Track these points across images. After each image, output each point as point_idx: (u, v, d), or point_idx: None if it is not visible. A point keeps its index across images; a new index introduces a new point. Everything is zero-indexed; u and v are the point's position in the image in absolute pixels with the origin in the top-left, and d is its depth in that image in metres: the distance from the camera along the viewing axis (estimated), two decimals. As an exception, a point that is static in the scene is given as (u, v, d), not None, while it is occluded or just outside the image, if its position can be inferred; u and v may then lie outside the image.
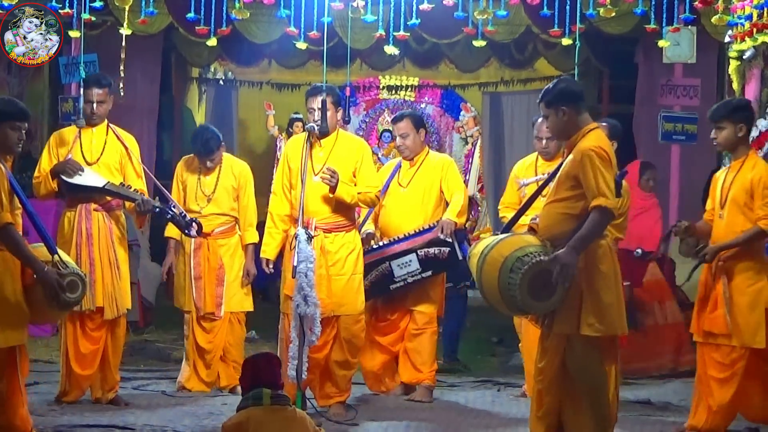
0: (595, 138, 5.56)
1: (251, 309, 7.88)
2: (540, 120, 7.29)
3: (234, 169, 7.82)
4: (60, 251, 5.95)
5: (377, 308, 7.66)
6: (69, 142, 7.23)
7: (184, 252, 7.72)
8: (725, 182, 6.59)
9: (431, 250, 7.45)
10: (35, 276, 5.75)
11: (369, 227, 7.71)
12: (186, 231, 7.29)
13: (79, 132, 7.27)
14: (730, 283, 6.49)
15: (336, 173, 6.81)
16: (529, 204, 6.08)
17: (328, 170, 6.82)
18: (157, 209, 7.11)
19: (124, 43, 8.34)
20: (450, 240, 7.43)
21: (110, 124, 7.34)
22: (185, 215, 7.27)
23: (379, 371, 7.73)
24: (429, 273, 7.49)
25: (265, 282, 9.63)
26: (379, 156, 14.01)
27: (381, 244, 7.57)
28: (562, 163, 5.74)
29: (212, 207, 7.67)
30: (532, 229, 5.76)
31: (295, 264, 6.65)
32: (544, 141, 7.39)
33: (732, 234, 6.49)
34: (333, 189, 6.84)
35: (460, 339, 9.23)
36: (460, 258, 7.44)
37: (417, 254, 7.45)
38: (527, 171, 7.53)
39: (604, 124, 7.04)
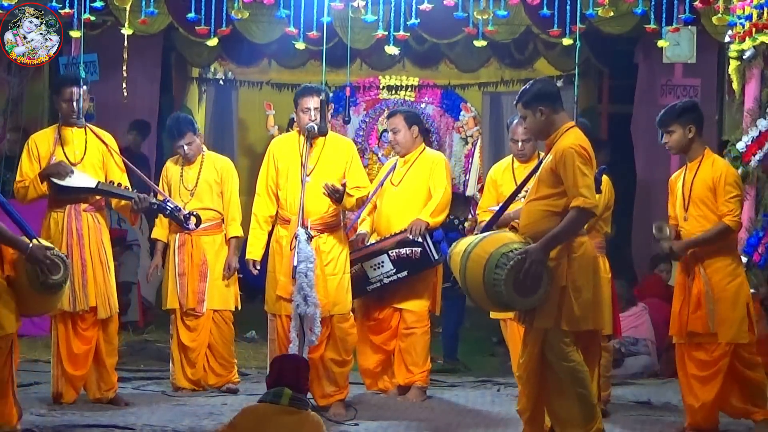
0: (575, 136, 5.63)
1: (235, 308, 7.85)
2: (515, 122, 7.33)
3: (216, 164, 7.85)
4: (39, 239, 5.98)
5: (368, 307, 7.65)
6: (49, 145, 7.19)
7: (169, 250, 7.72)
8: (684, 184, 6.66)
9: (402, 251, 7.44)
10: (22, 254, 5.78)
11: (364, 228, 7.70)
12: (185, 225, 7.29)
13: (59, 134, 7.23)
14: (710, 282, 6.55)
15: (337, 189, 6.80)
16: (507, 206, 6.13)
17: (328, 187, 6.78)
18: (155, 205, 7.11)
19: (126, 43, 8.33)
20: (420, 240, 7.40)
21: (87, 124, 7.33)
22: (180, 209, 7.25)
23: (375, 370, 7.72)
24: (405, 273, 7.47)
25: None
26: (379, 156, 13.99)
27: (367, 245, 7.56)
28: (540, 163, 5.78)
29: (195, 202, 7.67)
30: (513, 228, 5.80)
31: (295, 264, 6.65)
32: (520, 143, 7.38)
33: (699, 231, 6.58)
34: (339, 200, 6.85)
35: (459, 339, 9.23)
36: (435, 258, 7.44)
37: (388, 255, 7.44)
38: (504, 174, 7.52)
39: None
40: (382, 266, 7.44)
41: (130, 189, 7.20)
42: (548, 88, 5.80)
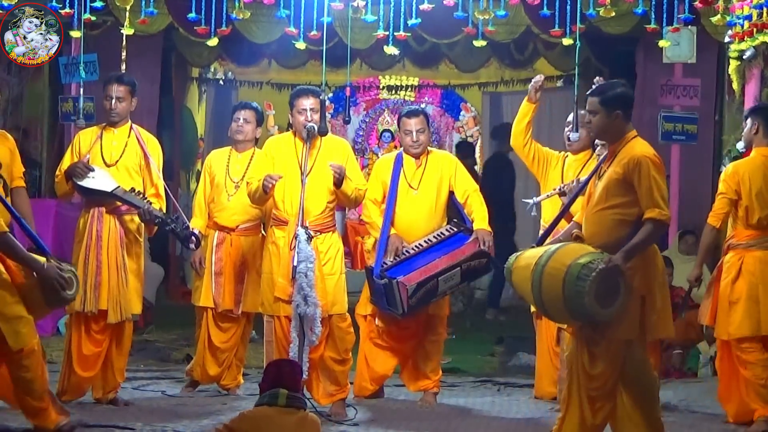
0: (644, 145, 5.61)
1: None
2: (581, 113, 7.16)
3: None
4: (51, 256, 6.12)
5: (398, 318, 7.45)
6: (90, 143, 7.14)
7: (206, 246, 7.62)
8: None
9: (473, 263, 7.26)
10: (37, 275, 5.93)
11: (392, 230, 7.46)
12: (185, 244, 7.21)
13: (101, 132, 7.19)
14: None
15: (342, 167, 6.80)
16: (563, 214, 6.08)
17: (336, 166, 6.80)
18: (158, 220, 7.02)
19: (124, 43, 8.33)
20: (487, 250, 7.30)
21: (134, 126, 7.28)
22: (187, 226, 7.13)
23: (389, 375, 7.64)
24: (465, 283, 7.42)
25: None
26: (380, 156, 14.02)
27: (408, 252, 7.30)
28: (595, 170, 5.74)
29: (239, 198, 7.51)
30: (578, 238, 5.73)
31: (295, 264, 6.64)
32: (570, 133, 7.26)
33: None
34: (339, 182, 6.81)
35: None
36: (492, 267, 7.36)
37: (461, 268, 7.23)
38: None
39: None
40: (453, 279, 7.25)
41: (161, 201, 7.12)
42: (630, 95, 5.74)
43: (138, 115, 11.05)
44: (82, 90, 8.23)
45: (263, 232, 7.58)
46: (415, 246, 7.34)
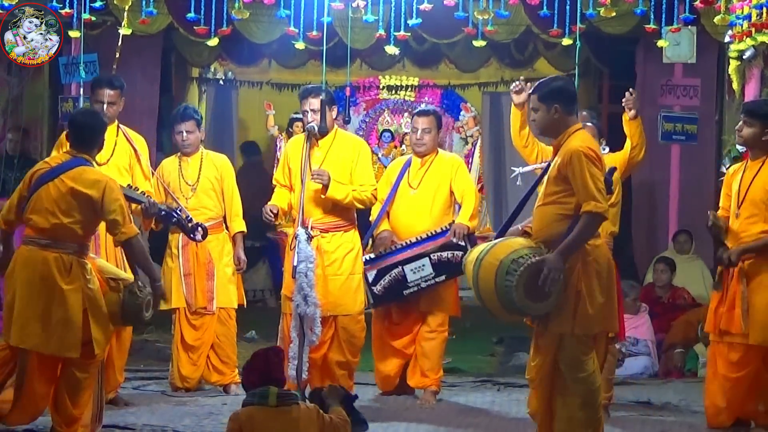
0: (582, 138, 5.59)
1: (238, 304, 7.77)
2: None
3: (215, 161, 7.74)
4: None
5: (391, 312, 7.50)
6: None
7: (170, 250, 7.68)
8: (742, 183, 6.56)
9: (444, 254, 7.28)
10: (151, 284, 6.07)
11: (386, 226, 7.51)
12: (191, 235, 7.21)
13: None
14: (749, 284, 6.48)
15: (324, 174, 6.82)
16: (519, 211, 6.07)
17: (316, 172, 6.83)
18: (163, 212, 7.03)
19: (120, 42, 8.34)
20: (463, 243, 7.29)
21: (120, 125, 7.29)
22: (191, 219, 7.17)
23: (393, 375, 7.64)
24: (443, 277, 7.32)
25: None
26: (379, 156, 14.01)
27: (393, 248, 7.38)
28: (548, 166, 5.74)
29: (196, 200, 7.56)
30: (525, 233, 5.76)
31: (295, 264, 6.66)
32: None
33: (748, 232, 6.49)
34: (325, 189, 6.84)
35: None
36: None
37: (430, 258, 7.26)
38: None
39: (589, 124, 7.12)
40: (423, 270, 7.28)
41: (153, 196, 7.15)
42: (569, 88, 5.75)
43: (138, 115, 11.12)
44: (82, 90, 8.24)
45: (226, 229, 7.66)
46: (405, 242, 7.39)
